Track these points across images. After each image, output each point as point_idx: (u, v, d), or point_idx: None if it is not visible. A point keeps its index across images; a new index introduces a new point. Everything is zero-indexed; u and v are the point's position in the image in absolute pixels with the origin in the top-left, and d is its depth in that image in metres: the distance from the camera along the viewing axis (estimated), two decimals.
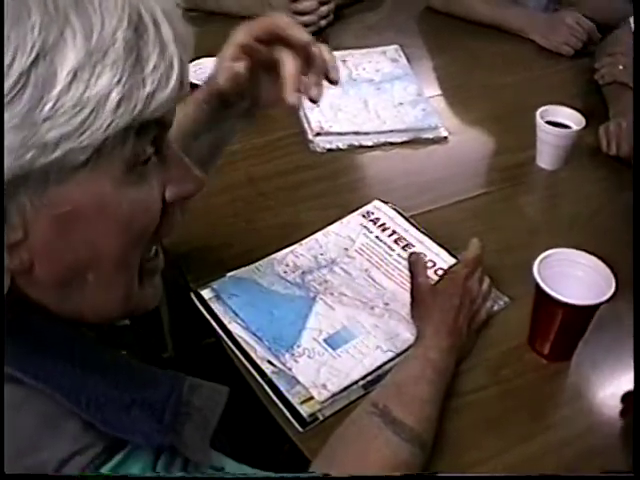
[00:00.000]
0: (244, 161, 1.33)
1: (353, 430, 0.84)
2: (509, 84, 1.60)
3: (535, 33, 1.75)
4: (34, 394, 0.53)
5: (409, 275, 1.02)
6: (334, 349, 0.98)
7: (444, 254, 1.13)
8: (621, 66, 1.52)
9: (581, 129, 1.30)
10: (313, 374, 0.95)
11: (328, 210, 1.21)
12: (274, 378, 0.94)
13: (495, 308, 1.06)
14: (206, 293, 1.04)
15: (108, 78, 0.50)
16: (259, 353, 0.97)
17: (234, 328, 1.00)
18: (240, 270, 1.08)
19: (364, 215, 1.20)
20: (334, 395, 0.93)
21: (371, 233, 1.17)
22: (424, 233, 1.17)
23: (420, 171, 1.33)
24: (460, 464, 0.87)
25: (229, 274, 1.06)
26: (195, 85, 0.87)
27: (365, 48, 1.66)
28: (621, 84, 1.50)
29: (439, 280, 1.03)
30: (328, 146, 1.37)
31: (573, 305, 0.91)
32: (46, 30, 0.48)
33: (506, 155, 1.39)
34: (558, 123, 1.32)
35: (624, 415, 0.93)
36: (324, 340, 1.00)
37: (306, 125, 1.42)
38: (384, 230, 1.17)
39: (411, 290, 1.02)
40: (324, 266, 1.11)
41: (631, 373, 0.97)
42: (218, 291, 1.04)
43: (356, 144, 1.39)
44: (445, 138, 1.42)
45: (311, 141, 1.38)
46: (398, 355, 0.97)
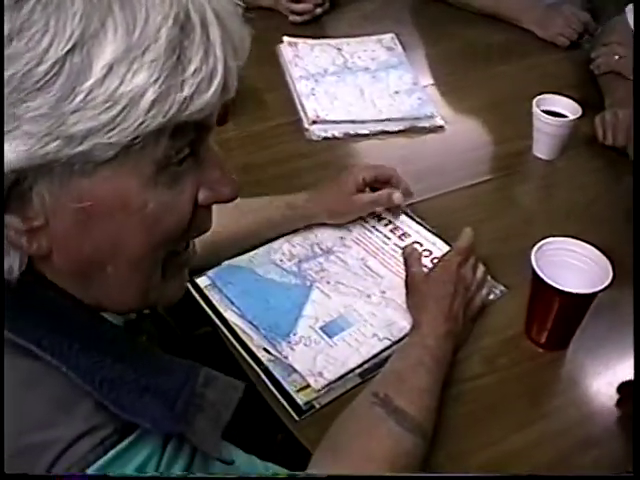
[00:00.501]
0: (240, 149, 1.32)
1: (355, 421, 0.84)
2: (505, 73, 1.59)
3: (531, 23, 1.75)
4: (49, 371, 0.53)
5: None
6: (330, 337, 0.98)
7: (440, 243, 1.13)
8: (617, 56, 1.52)
9: (577, 118, 1.30)
10: (309, 362, 0.95)
11: None
12: (270, 366, 0.94)
13: (491, 297, 1.06)
14: (202, 281, 1.04)
15: (145, 76, 0.48)
16: (255, 341, 0.97)
17: (230, 316, 1.00)
18: (236, 259, 1.07)
19: None
20: (330, 383, 0.92)
21: (367, 223, 1.17)
22: (420, 223, 1.17)
23: (416, 160, 1.33)
24: (457, 452, 0.87)
25: (225, 262, 1.06)
26: None
27: (361, 36, 1.65)
28: (617, 74, 1.50)
29: (432, 269, 1.03)
30: (324, 134, 1.37)
31: (570, 293, 0.91)
32: (87, 19, 0.47)
33: (502, 144, 1.39)
34: (554, 112, 1.32)
35: (620, 405, 0.94)
36: (320, 328, 0.99)
37: (302, 113, 1.41)
38: (380, 220, 1.17)
39: (405, 280, 1.03)
40: (320, 255, 1.10)
41: (628, 362, 0.98)
42: (214, 279, 1.04)
43: (352, 132, 1.38)
44: (441, 127, 1.42)
45: (307, 129, 1.38)
46: (395, 343, 0.97)
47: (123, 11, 0.48)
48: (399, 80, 1.51)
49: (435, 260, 1.09)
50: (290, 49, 1.57)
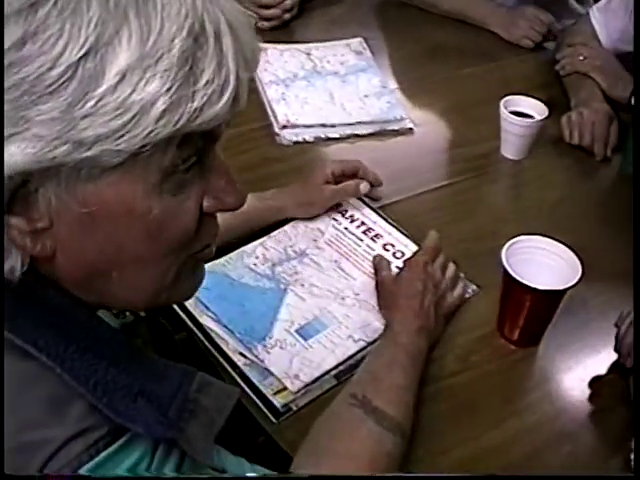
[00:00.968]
0: None
1: (335, 423, 0.85)
2: (472, 75, 1.61)
3: (496, 26, 1.77)
4: (45, 372, 0.53)
5: None
6: (306, 340, 0.99)
7: (412, 245, 1.14)
8: (581, 57, 1.54)
9: (544, 119, 1.32)
10: (285, 365, 0.95)
11: None
12: (246, 370, 0.95)
13: (465, 296, 1.07)
14: None
15: (157, 86, 0.48)
16: (231, 346, 0.97)
17: (205, 321, 1.00)
18: (210, 263, 1.06)
19: (332, 207, 1.20)
20: (307, 385, 0.93)
21: (340, 224, 1.18)
22: (392, 224, 1.18)
23: (386, 162, 1.34)
24: (435, 449, 0.89)
25: None
26: None
27: (329, 41, 1.66)
28: (582, 74, 1.53)
29: (400, 270, 1.05)
30: (295, 139, 1.38)
31: (541, 291, 0.93)
32: (102, 26, 0.47)
33: (471, 145, 1.41)
34: (521, 113, 1.34)
35: (592, 400, 0.95)
36: (296, 331, 1.00)
37: (272, 118, 1.42)
38: (353, 221, 1.18)
39: (376, 284, 1.05)
40: (294, 257, 1.11)
41: (598, 357, 1.00)
42: None
43: (323, 136, 1.39)
44: (410, 129, 1.43)
45: (278, 134, 1.38)
46: (369, 344, 0.98)
47: (138, 20, 0.48)
48: (368, 84, 1.53)
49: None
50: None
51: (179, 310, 1.01)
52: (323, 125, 1.40)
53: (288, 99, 1.46)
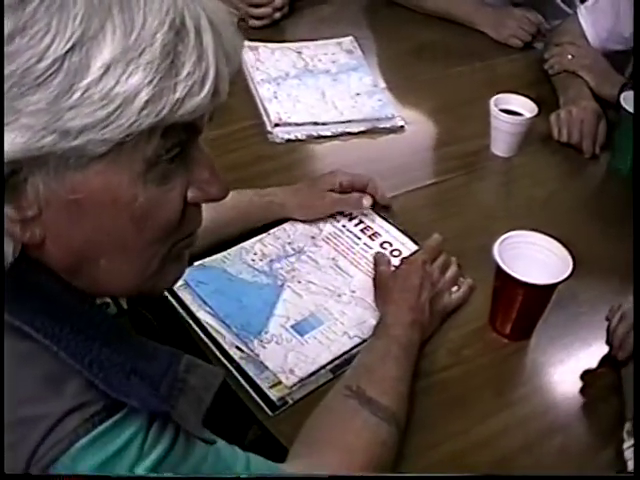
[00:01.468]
0: None
1: (330, 414, 0.86)
2: (462, 74, 1.63)
3: (485, 26, 1.78)
4: (41, 350, 0.55)
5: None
6: (302, 335, 1.00)
7: (410, 244, 1.15)
8: (569, 56, 1.56)
9: (534, 116, 1.34)
10: (281, 360, 0.96)
11: None
12: (242, 364, 0.96)
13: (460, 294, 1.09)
14: None
15: (140, 77, 0.50)
16: (227, 340, 0.98)
17: (203, 316, 1.01)
18: (208, 259, 1.08)
19: None
20: (302, 380, 0.94)
21: (338, 222, 1.19)
22: (390, 223, 1.19)
23: (378, 160, 1.35)
24: (427, 442, 0.90)
25: (197, 262, 1.07)
26: None
27: (320, 40, 1.67)
28: (570, 73, 1.55)
29: (398, 266, 1.06)
30: (287, 137, 1.38)
31: (533, 285, 0.94)
32: (87, 21, 0.49)
33: (461, 143, 1.42)
34: (511, 111, 1.35)
35: (584, 392, 0.97)
36: (292, 327, 1.01)
37: (265, 116, 1.42)
38: (351, 219, 1.19)
39: (373, 279, 1.06)
40: (292, 254, 1.12)
41: (589, 350, 1.02)
42: (186, 279, 1.04)
43: (315, 134, 1.40)
44: (401, 127, 1.44)
45: (270, 132, 1.39)
46: (365, 341, 0.99)
47: (122, 15, 0.50)
48: (359, 82, 1.54)
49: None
50: (251, 53, 1.58)
51: (176, 304, 1.02)
52: (315, 123, 1.41)
53: (280, 97, 1.47)
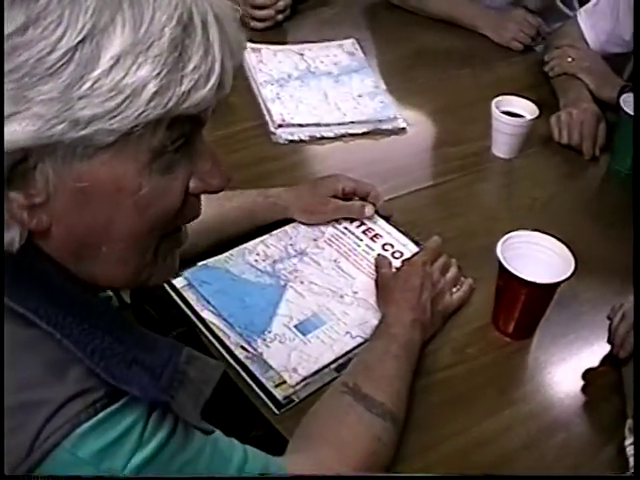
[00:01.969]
0: None
1: (326, 409, 0.87)
2: (464, 76, 1.64)
3: (486, 28, 1.79)
4: (45, 337, 0.56)
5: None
6: (304, 335, 1.01)
7: (411, 245, 1.16)
8: (569, 58, 1.57)
9: (535, 118, 1.35)
10: (284, 359, 0.97)
11: None
12: (248, 363, 0.96)
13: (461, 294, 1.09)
14: (178, 282, 1.05)
15: (148, 70, 0.52)
16: (232, 339, 0.99)
17: (207, 315, 1.02)
18: (212, 259, 1.09)
19: None
20: (305, 379, 0.95)
21: (340, 224, 1.19)
22: (392, 224, 1.20)
23: (380, 161, 1.36)
24: (430, 440, 0.91)
25: (200, 263, 1.08)
26: None
27: (322, 42, 1.68)
28: (570, 75, 1.56)
29: (399, 268, 1.07)
30: (290, 137, 1.39)
31: (536, 284, 0.95)
32: (98, 14, 0.50)
33: (463, 144, 1.43)
34: (513, 113, 1.36)
35: (585, 390, 0.98)
36: (294, 326, 1.02)
37: (268, 117, 1.43)
38: (353, 221, 1.20)
39: (375, 281, 1.07)
40: (294, 256, 1.13)
41: (590, 349, 1.03)
42: (190, 279, 1.06)
43: (317, 135, 1.41)
44: (403, 129, 1.45)
45: (273, 133, 1.40)
46: (367, 341, 1.00)
47: (132, 9, 0.52)
48: (361, 84, 1.55)
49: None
50: (254, 55, 1.59)
51: (182, 303, 1.03)
52: (317, 124, 1.42)
53: (283, 99, 1.48)
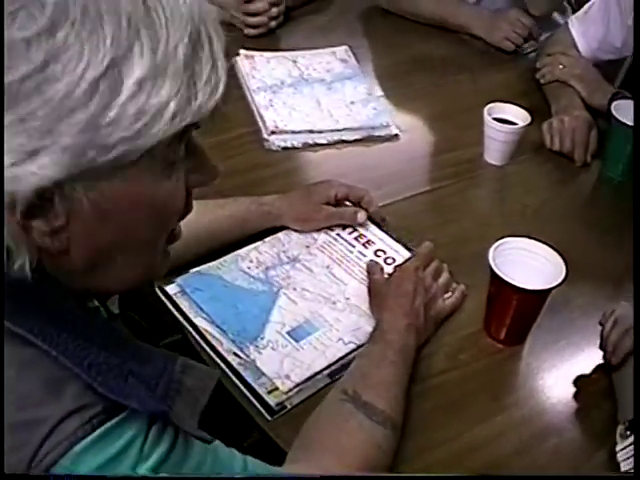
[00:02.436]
0: None
1: (326, 418, 0.87)
2: (455, 83, 1.64)
3: (478, 28, 1.80)
4: (41, 355, 0.56)
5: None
6: (297, 341, 1.01)
7: (403, 251, 1.16)
8: (561, 65, 1.58)
9: (526, 125, 1.36)
10: (276, 365, 0.97)
11: None
12: (240, 370, 0.96)
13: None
14: (171, 289, 1.06)
15: (167, 90, 0.53)
16: (225, 346, 0.99)
17: (199, 322, 1.02)
18: (204, 266, 1.09)
19: None
20: (297, 385, 0.95)
21: (332, 231, 1.19)
22: (384, 231, 1.20)
23: (373, 168, 1.36)
24: (424, 445, 0.91)
25: (193, 270, 1.08)
26: None
27: (315, 49, 1.68)
28: (561, 82, 1.57)
29: (392, 274, 1.07)
30: (283, 144, 1.40)
31: (527, 290, 0.96)
32: (117, 43, 0.51)
33: (455, 151, 1.44)
34: (505, 120, 1.37)
35: (577, 397, 0.98)
36: (287, 333, 1.02)
37: (261, 124, 1.44)
38: (345, 228, 1.20)
39: (368, 287, 1.08)
40: (286, 262, 1.13)
41: (582, 355, 1.03)
42: (183, 286, 1.06)
43: (310, 142, 1.41)
44: (396, 136, 1.46)
45: (266, 139, 1.41)
46: (359, 347, 1.00)
47: (148, 32, 0.52)
48: (354, 91, 1.55)
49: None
50: (247, 62, 1.60)
51: (174, 310, 1.04)
52: (311, 131, 1.42)
53: (276, 105, 1.48)
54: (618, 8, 1.53)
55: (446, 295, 1.08)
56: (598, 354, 1.00)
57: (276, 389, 0.94)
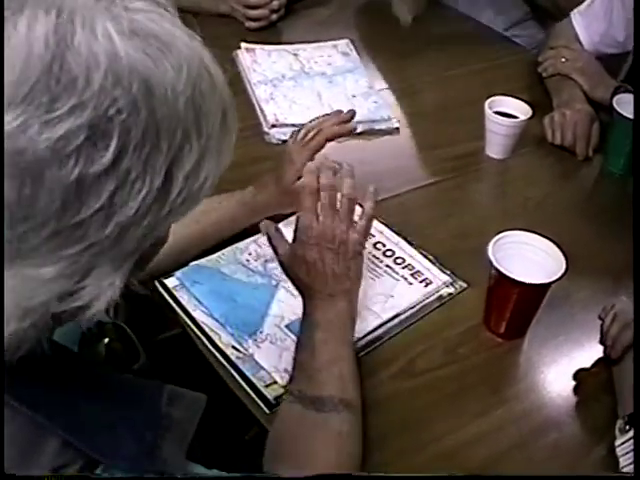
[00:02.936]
0: None
1: (282, 425, 0.86)
2: (457, 77, 1.64)
3: None
4: (13, 415, 0.53)
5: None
6: (296, 335, 1.00)
7: (403, 243, 1.16)
8: (563, 59, 1.58)
9: (528, 119, 1.35)
10: (275, 359, 0.97)
11: None
12: (239, 363, 0.96)
13: (451, 291, 1.10)
14: (170, 282, 1.05)
15: (207, 169, 0.53)
16: (224, 339, 0.99)
17: (199, 316, 1.02)
18: (203, 259, 1.09)
19: None
20: None
21: None
22: (383, 223, 1.20)
23: (374, 161, 1.36)
24: (423, 438, 0.91)
25: (192, 263, 1.08)
26: None
27: (316, 42, 1.68)
28: (563, 76, 1.56)
29: (293, 240, 0.96)
30: (283, 137, 1.39)
31: (527, 284, 0.95)
32: (172, 153, 0.50)
33: (456, 145, 1.43)
34: (506, 113, 1.37)
35: (577, 391, 0.98)
36: (286, 326, 1.02)
37: (261, 117, 1.43)
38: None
39: (280, 266, 0.98)
40: None
41: (581, 350, 1.03)
42: (182, 279, 1.06)
43: None
44: (397, 129, 1.45)
45: (267, 133, 1.40)
46: (358, 340, 0.99)
47: (196, 129, 0.51)
48: (355, 84, 1.55)
49: (398, 260, 1.13)
50: (248, 55, 1.60)
51: (174, 304, 1.03)
52: None
53: (277, 99, 1.48)
54: (621, 2, 1.52)
55: (356, 218, 0.97)
56: (598, 348, 1.00)
57: (274, 383, 0.94)
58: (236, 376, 0.95)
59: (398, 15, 1.75)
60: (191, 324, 1.01)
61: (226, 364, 0.96)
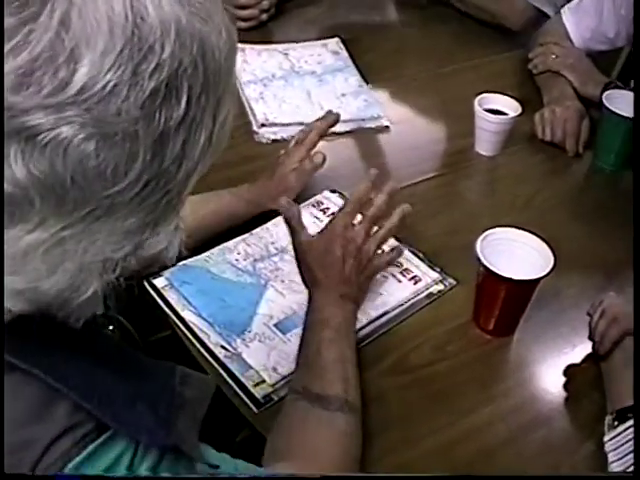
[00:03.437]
0: None
1: (285, 423, 0.86)
2: (446, 74, 1.63)
3: None
4: (27, 378, 0.54)
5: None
6: (284, 333, 1.01)
7: (392, 240, 1.15)
8: (553, 55, 1.57)
9: (517, 116, 1.35)
10: (263, 358, 0.97)
11: None
12: (227, 362, 0.96)
13: (440, 288, 1.10)
14: (159, 282, 1.05)
15: (230, 116, 0.56)
16: (212, 339, 0.99)
17: (187, 315, 1.02)
18: (192, 259, 1.08)
19: (314, 205, 1.22)
20: (284, 378, 0.94)
21: (321, 222, 1.18)
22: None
23: (364, 159, 1.36)
24: (412, 436, 0.91)
25: (181, 263, 1.07)
26: None
27: (306, 41, 1.68)
28: (553, 73, 1.56)
29: (319, 233, 1.00)
30: (273, 137, 1.39)
31: (515, 281, 0.95)
32: (216, 102, 0.54)
33: (446, 142, 1.44)
34: (495, 110, 1.36)
35: (566, 387, 0.98)
36: (274, 325, 1.02)
37: (251, 116, 1.43)
38: (333, 219, 1.19)
39: (294, 251, 1.00)
40: (274, 254, 1.12)
41: (570, 346, 1.03)
42: (171, 279, 1.05)
43: None
44: (387, 127, 1.45)
45: (256, 132, 1.40)
46: None
47: (228, 80, 0.55)
48: (345, 83, 1.55)
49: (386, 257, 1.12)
50: (238, 54, 1.59)
51: (163, 304, 1.03)
52: (301, 123, 1.40)
53: (266, 98, 1.47)
54: None
55: (386, 248, 1.03)
56: (587, 344, 1.00)
57: (263, 382, 0.94)
58: (225, 375, 0.95)
59: None
60: (180, 324, 1.01)
61: (215, 363, 0.96)
